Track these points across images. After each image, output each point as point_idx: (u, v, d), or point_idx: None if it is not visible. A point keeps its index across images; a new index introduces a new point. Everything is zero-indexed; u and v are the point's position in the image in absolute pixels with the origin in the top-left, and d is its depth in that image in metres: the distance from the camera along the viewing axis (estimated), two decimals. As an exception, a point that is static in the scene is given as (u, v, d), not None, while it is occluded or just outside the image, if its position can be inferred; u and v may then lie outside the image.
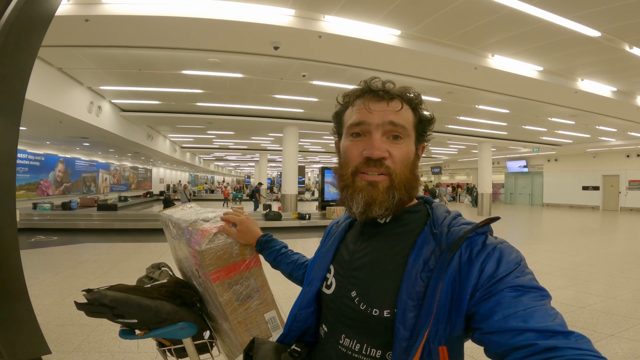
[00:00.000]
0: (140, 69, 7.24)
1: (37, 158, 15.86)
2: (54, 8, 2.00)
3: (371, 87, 0.74)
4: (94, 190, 21.68)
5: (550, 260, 6.52)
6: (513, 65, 6.85)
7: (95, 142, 14.29)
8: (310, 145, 20.71)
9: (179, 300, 1.25)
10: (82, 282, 4.73)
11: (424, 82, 7.44)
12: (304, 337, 0.83)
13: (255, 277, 1.16)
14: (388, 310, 0.64)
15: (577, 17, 4.96)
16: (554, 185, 22.18)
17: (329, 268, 0.80)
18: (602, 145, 17.55)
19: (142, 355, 2.84)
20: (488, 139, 16.01)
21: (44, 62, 6.74)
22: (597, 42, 5.69)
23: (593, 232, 11.04)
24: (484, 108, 10.39)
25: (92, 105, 9.06)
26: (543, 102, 8.98)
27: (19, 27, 1.74)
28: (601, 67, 7.03)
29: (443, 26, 5.41)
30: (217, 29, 5.17)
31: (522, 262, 0.61)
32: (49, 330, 3.14)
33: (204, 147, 23.03)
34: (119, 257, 6.35)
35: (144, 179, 32.28)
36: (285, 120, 12.04)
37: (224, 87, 8.67)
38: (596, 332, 3.38)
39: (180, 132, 16.54)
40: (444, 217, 0.70)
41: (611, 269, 5.83)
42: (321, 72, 7.30)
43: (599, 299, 4.36)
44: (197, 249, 1.06)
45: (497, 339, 0.53)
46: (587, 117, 10.93)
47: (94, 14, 4.68)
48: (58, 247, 7.25)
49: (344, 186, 0.73)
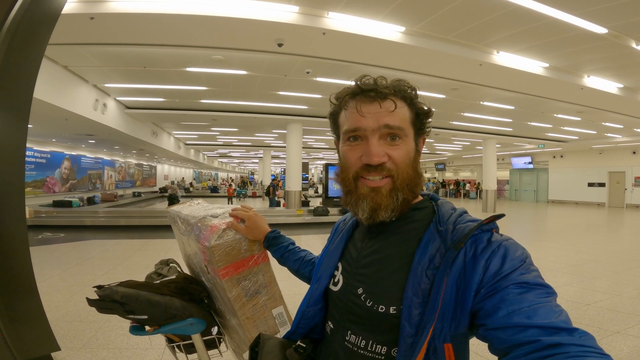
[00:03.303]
0: (145, 67, 7.27)
1: (44, 155, 15.97)
2: (60, 7, 2.02)
3: (362, 87, 0.72)
4: (100, 187, 21.81)
5: (555, 257, 6.49)
6: (518, 62, 6.79)
7: (101, 139, 14.39)
8: (314, 142, 20.70)
9: (188, 297, 1.27)
10: (89, 278, 4.78)
11: (428, 78, 7.41)
12: (311, 334, 0.84)
13: (263, 273, 1.18)
14: (394, 307, 0.65)
15: (584, 14, 4.91)
16: (559, 182, 22.01)
17: (336, 265, 0.81)
18: (608, 141, 17.41)
19: (149, 352, 2.88)
20: (493, 135, 15.91)
21: (50, 60, 6.79)
22: (604, 39, 5.63)
23: (599, 229, 10.97)
24: (489, 104, 10.33)
25: (98, 103, 9.12)
26: (549, 98, 8.91)
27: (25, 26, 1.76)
28: (608, 64, 6.96)
29: (448, 23, 5.38)
30: (221, 26, 5.18)
31: (527, 259, 0.61)
32: (58, 327, 3.18)
33: (208, 144, 23.09)
34: (125, 253, 6.42)
35: (149, 175, 32.42)
36: (289, 117, 12.03)
37: (228, 84, 8.68)
38: (602, 329, 3.37)
39: (185, 129, 16.59)
40: (449, 214, 0.70)
41: (617, 266, 5.79)
42: (325, 69, 7.29)
43: (605, 296, 4.34)
44: (206, 244, 1.08)
45: (501, 335, 0.53)
46: (593, 113, 10.83)
47: (99, 11, 4.70)
48: (65, 244, 7.32)
49: (348, 191, 0.74)
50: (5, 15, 1.66)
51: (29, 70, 2.07)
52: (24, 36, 1.89)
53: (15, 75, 1.98)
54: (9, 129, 2.01)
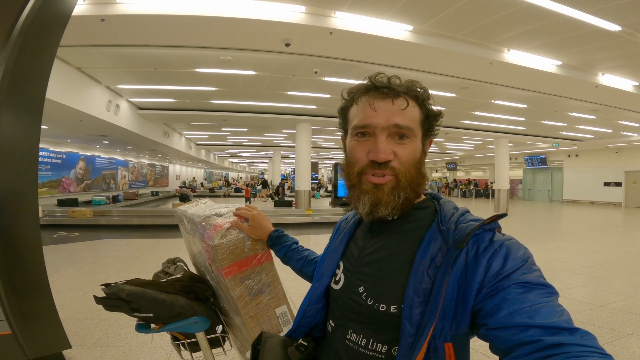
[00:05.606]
0: (156, 68, 7.37)
1: (59, 156, 16.32)
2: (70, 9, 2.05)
3: (376, 83, 0.72)
4: (114, 187, 22.20)
5: (570, 257, 6.37)
6: (530, 60, 6.69)
7: (114, 140, 14.64)
8: (324, 142, 20.71)
9: (193, 295, 1.28)
10: (102, 277, 4.86)
11: (437, 77, 7.35)
12: (312, 332, 0.84)
13: (266, 272, 1.18)
14: (395, 306, 0.65)
15: (596, 11, 4.81)
16: (574, 181, 21.62)
17: (338, 264, 0.81)
18: (625, 140, 17.00)
19: (157, 350, 2.91)
20: (505, 134, 15.69)
21: (64, 61, 6.93)
22: (618, 36, 5.50)
23: (614, 230, 10.72)
24: (500, 103, 10.19)
25: (111, 104, 9.28)
26: (562, 96, 8.75)
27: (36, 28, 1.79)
28: (622, 62, 6.81)
29: (456, 21, 5.32)
30: (229, 26, 5.22)
31: (529, 259, 0.60)
32: (70, 325, 3.24)
33: (218, 144, 23.29)
34: (137, 252, 6.51)
35: (161, 175, 32.88)
36: (298, 116, 12.06)
37: (237, 85, 8.74)
38: (615, 330, 3.30)
39: (195, 129, 16.77)
40: (451, 213, 0.70)
41: (632, 267, 5.66)
42: (333, 68, 7.28)
43: (619, 297, 4.25)
44: (210, 243, 1.09)
45: (503, 335, 0.53)
46: (609, 111, 10.61)
47: (109, 13, 4.78)
48: (79, 243, 7.47)
49: (351, 186, 0.74)
50: (16, 18, 1.70)
51: (41, 71, 2.12)
52: (35, 38, 1.93)
53: (28, 76, 2.03)
54: (22, 129, 2.06)
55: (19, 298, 1.77)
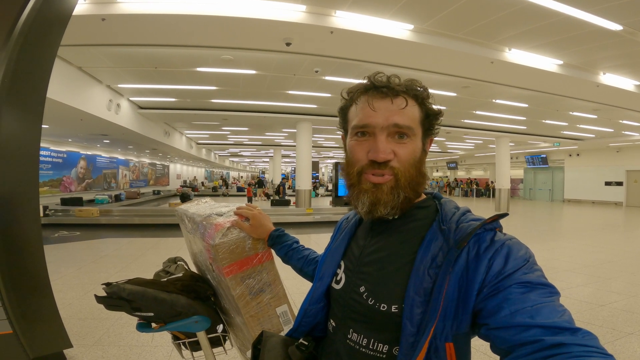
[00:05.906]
0: (156, 67, 7.37)
1: (60, 155, 16.33)
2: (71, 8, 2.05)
3: (375, 83, 0.72)
4: (115, 186, 22.22)
5: (571, 257, 6.36)
6: (531, 59, 6.67)
7: (115, 139, 14.65)
8: (324, 141, 20.70)
9: (194, 294, 1.28)
10: (103, 276, 4.87)
11: (438, 76, 7.34)
12: (313, 332, 0.84)
13: (267, 271, 1.18)
14: (396, 305, 0.65)
15: (597, 11, 4.79)
16: (575, 181, 21.57)
17: (339, 264, 0.81)
18: (626, 139, 16.96)
19: (157, 349, 2.91)
20: (506, 133, 15.67)
21: (64, 61, 6.93)
22: (619, 35, 5.49)
23: (615, 229, 10.70)
24: (501, 102, 10.18)
25: (111, 103, 9.28)
26: (563, 96, 8.73)
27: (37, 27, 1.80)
28: (623, 61, 6.79)
29: (457, 20, 5.31)
30: (230, 25, 5.21)
31: (530, 259, 0.60)
32: (71, 324, 3.23)
33: (219, 143, 23.31)
34: (138, 251, 6.52)
35: (162, 175, 32.89)
36: (299, 115, 12.05)
37: (238, 84, 8.74)
38: (616, 330, 3.30)
39: (196, 128, 16.77)
40: (452, 213, 0.70)
41: (633, 267, 5.65)
42: (334, 68, 7.27)
43: (620, 296, 4.24)
44: (210, 242, 1.09)
45: (504, 335, 0.53)
46: (610, 111, 10.58)
47: (109, 13, 4.78)
48: (80, 242, 7.47)
49: (351, 185, 0.74)
50: (17, 17, 1.70)
51: (41, 70, 2.12)
52: (36, 37, 1.93)
53: (29, 75, 2.03)
54: (23, 129, 2.06)
55: (20, 297, 1.77)
